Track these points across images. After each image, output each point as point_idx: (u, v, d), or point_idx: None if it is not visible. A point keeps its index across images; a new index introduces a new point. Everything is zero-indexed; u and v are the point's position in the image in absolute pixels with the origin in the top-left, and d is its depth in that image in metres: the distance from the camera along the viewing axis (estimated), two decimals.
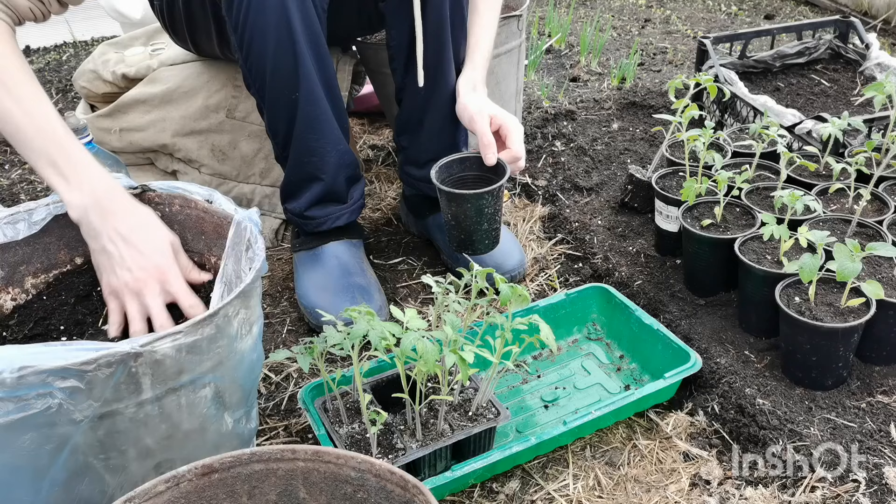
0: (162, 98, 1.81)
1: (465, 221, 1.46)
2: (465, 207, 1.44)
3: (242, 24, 1.33)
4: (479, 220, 1.45)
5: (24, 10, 1.20)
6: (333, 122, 1.48)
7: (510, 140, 1.48)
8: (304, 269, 1.59)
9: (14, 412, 0.83)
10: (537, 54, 2.75)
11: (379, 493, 0.87)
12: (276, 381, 1.44)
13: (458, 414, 1.21)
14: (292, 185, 1.55)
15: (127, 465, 0.92)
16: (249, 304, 1.01)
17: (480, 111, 1.47)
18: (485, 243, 1.50)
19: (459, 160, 1.52)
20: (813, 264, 1.24)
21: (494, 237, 1.51)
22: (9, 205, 1.97)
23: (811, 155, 1.70)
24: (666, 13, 3.37)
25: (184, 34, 1.68)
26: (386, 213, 1.94)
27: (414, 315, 1.10)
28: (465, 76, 1.54)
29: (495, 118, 1.48)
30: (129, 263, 1.12)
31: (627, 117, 2.32)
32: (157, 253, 1.15)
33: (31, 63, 2.96)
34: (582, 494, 1.20)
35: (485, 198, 1.42)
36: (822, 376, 1.29)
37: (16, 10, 1.19)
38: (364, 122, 2.38)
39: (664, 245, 1.66)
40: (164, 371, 0.90)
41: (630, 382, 1.40)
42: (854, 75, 2.23)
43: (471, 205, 1.43)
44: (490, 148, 1.45)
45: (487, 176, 1.48)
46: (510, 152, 1.47)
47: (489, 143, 1.45)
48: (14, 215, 1.19)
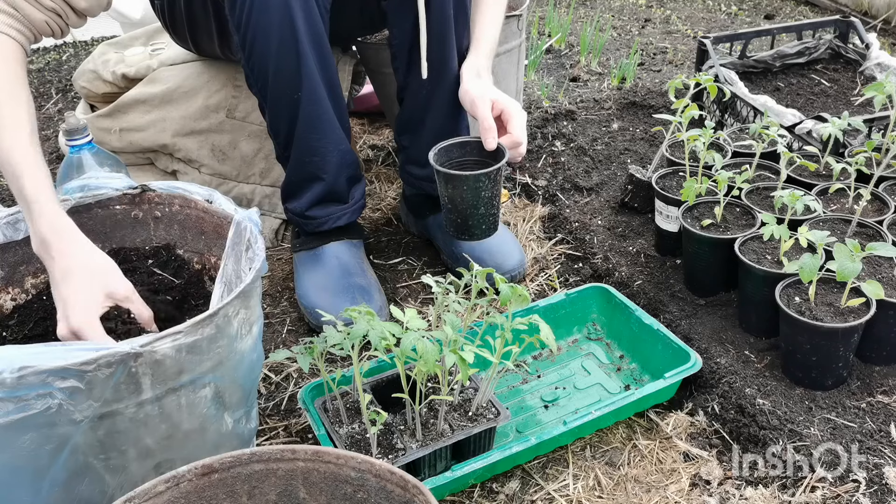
0: (162, 98, 1.81)
1: (462, 205, 1.44)
2: (462, 190, 1.42)
3: (245, 23, 1.33)
4: (476, 203, 1.43)
5: (41, 24, 1.18)
6: (335, 121, 1.48)
7: (511, 125, 1.46)
8: (304, 269, 1.59)
9: (14, 412, 0.83)
10: (537, 54, 2.75)
11: (379, 493, 0.87)
12: (276, 381, 1.44)
13: (458, 414, 1.21)
14: (293, 185, 1.55)
15: (127, 465, 0.92)
16: (249, 304, 1.01)
17: (483, 95, 1.46)
18: (482, 228, 1.47)
19: (459, 144, 1.50)
20: (813, 264, 1.24)
21: (492, 222, 1.48)
22: (9, 205, 1.97)
23: (811, 155, 1.70)
24: (666, 13, 3.37)
25: (184, 34, 1.68)
26: (386, 213, 1.94)
27: (414, 315, 1.10)
28: (470, 62, 1.53)
29: (497, 103, 1.46)
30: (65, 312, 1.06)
31: (627, 117, 2.32)
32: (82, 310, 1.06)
33: (31, 63, 2.96)
34: (582, 494, 1.20)
35: (482, 180, 1.40)
36: (822, 376, 1.29)
37: (32, 24, 1.17)
38: (364, 122, 2.38)
39: (664, 245, 1.66)
40: (164, 371, 0.90)
41: (630, 382, 1.40)
42: (854, 75, 2.23)
43: (468, 187, 1.41)
44: (490, 132, 1.43)
45: (487, 161, 1.46)
46: (511, 137, 1.45)
47: (489, 126, 1.43)
48: (14, 215, 1.19)
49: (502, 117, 1.47)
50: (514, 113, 1.46)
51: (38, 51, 3.12)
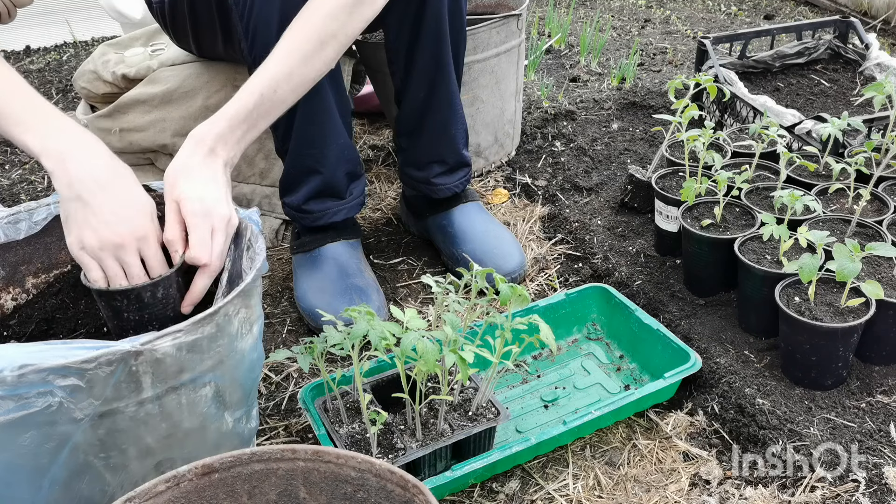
0: (162, 98, 1.81)
1: (124, 323, 1.08)
2: (115, 306, 1.06)
3: (248, 12, 1.33)
4: (141, 322, 1.07)
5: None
6: (335, 113, 1.47)
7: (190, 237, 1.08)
8: (301, 271, 1.59)
9: (14, 410, 0.83)
10: (537, 54, 2.75)
11: (379, 493, 0.87)
12: (276, 381, 1.44)
13: (458, 414, 1.21)
14: (291, 178, 1.54)
15: (127, 464, 0.92)
16: (250, 303, 1.01)
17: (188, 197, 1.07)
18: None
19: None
20: (812, 264, 1.24)
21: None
22: (9, 205, 1.97)
23: (811, 155, 1.70)
24: (666, 13, 3.37)
25: (185, 33, 1.68)
26: (386, 213, 1.94)
27: (414, 315, 1.11)
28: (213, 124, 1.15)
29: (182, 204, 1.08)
30: (108, 217, 1.01)
31: (627, 117, 2.32)
32: (140, 213, 1.03)
33: (32, 63, 2.96)
34: (582, 494, 1.20)
35: (117, 298, 1.05)
36: (821, 376, 1.29)
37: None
38: (364, 122, 2.39)
39: (664, 245, 1.66)
40: (164, 370, 0.90)
41: (630, 382, 1.40)
42: (854, 75, 2.23)
43: (105, 303, 1.07)
44: (172, 245, 1.08)
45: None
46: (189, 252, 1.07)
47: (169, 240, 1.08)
48: (15, 215, 1.19)
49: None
50: (192, 224, 1.06)
51: (38, 51, 3.12)
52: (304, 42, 1.20)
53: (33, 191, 2.09)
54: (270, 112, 1.18)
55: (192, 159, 1.10)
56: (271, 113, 1.18)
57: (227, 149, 1.13)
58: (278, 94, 1.17)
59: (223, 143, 1.13)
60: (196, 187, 1.07)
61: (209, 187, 1.08)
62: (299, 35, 1.20)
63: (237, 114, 1.14)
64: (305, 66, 1.19)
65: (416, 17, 1.47)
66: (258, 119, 1.16)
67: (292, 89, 1.19)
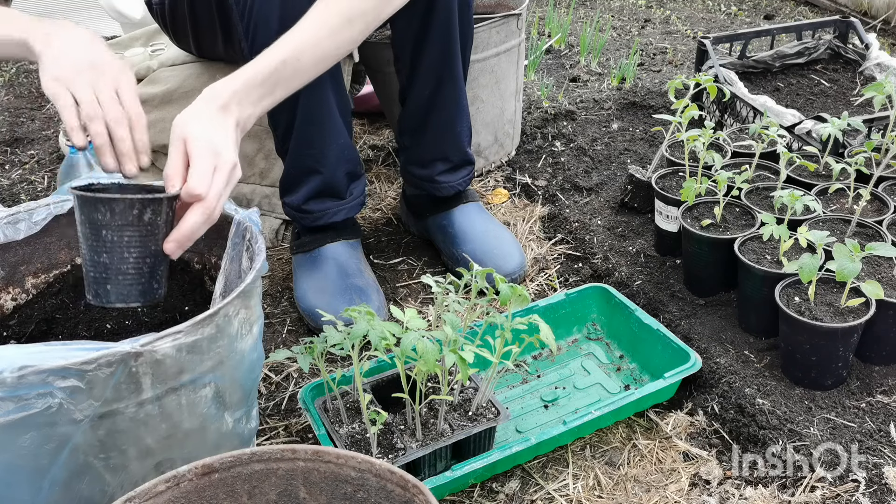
0: (162, 98, 1.81)
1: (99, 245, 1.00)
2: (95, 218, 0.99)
3: (248, 10, 1.33)
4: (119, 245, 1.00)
5: None
6: (336, 113, 1.47)
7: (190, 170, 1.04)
8: (301, 272, 1.59)
9: (14, 412, 0.83)
10: (537, 54, 2.75)
11: (379, 493, 0.87)
12: (276, 381, 1.44)
13: (458, 414, 1.21)
14: (291, 178, 1.54)
15: (127, 464, 0.92)
16: (250, 303, 1.01)
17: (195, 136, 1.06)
18: (124, 285, 1.02)
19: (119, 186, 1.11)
20: (812, 264, 1.24)
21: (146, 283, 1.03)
22: (9, 205, 1.97)
23: (811, 155, 1.70)
24: (666, 13, 3.37)
25: (185, 33, 1.68)
26: (386, 213, 1.94)
27: (414, 315, 1.11)
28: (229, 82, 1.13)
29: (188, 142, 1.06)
30: (85, 49, 1.04)
31: (627, 117, 2.32)
32: (113, 57, 1.09)
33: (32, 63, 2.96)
34: (582, 494, 1.20)
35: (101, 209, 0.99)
36: (821, 376, 1.29)
37: None
38: (364, 122, 2.39)
39: (664, 245, 1.66)
40: (164, 370, 0.90)
41: (630, 382, 1.40)
42: (854, 75, 2.23)
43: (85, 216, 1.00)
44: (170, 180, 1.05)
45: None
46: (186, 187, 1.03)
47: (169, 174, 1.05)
48: (14, 215, 1.19)
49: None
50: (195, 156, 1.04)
51: None
52: (334, 15, 1.18)
53: (33, 191, 2.09)
54: (290, 81, 1.16)
55: (204, 111, 1.07)
56: (290, 82, 1.16)
57: (240, 108, 1.10)
58: (301, 63, 1.15)
59: (237, 101, 1.10)
60: (206, 129, 1.04)
61: (219, 132, 1.05)
62: (331, 8, 1.18)
63: (256, 75, 1.11)
64: (331, 40, 1.18)
65: (426, 9, 1.46)
66: (275, 86, 1.13)
67: (315, 62, 1.18)
